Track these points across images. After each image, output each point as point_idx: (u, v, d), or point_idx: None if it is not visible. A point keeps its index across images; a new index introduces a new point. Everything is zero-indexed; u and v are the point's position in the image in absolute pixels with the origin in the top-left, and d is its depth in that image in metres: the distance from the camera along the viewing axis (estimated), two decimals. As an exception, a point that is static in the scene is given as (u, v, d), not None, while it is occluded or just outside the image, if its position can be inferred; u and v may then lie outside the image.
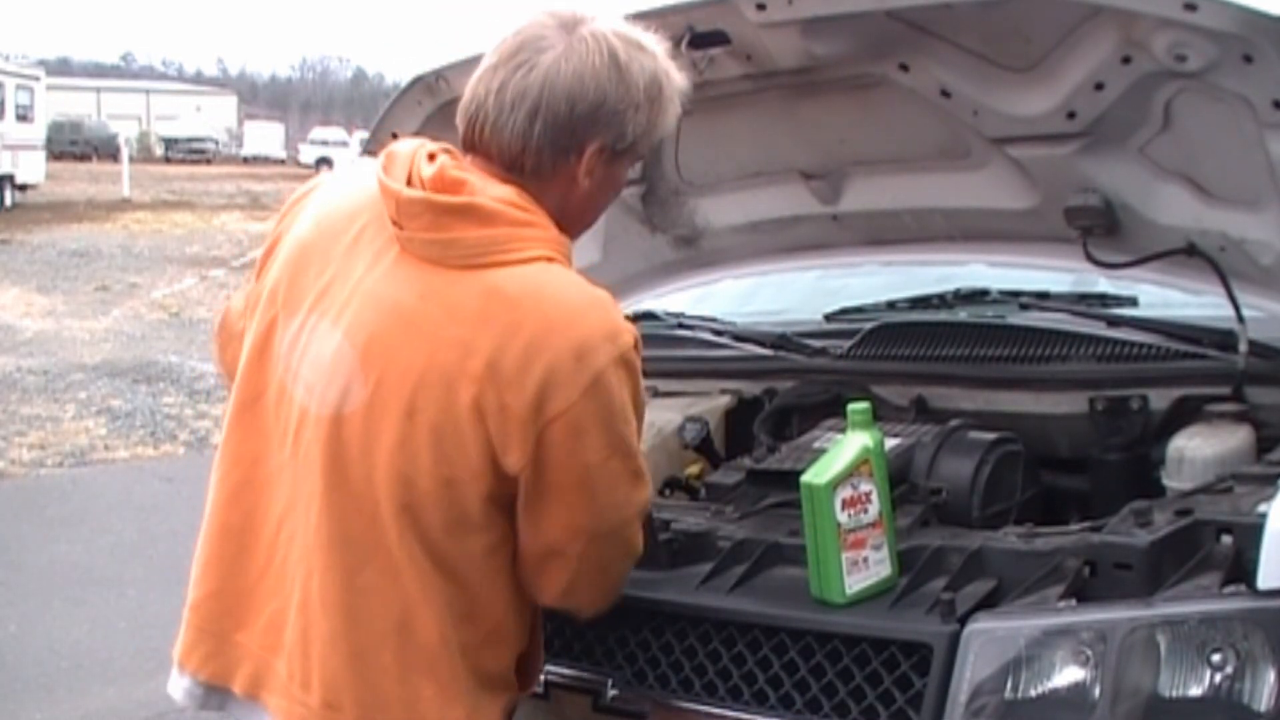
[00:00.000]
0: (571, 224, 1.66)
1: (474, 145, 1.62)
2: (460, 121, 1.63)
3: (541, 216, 1.59)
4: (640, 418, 1.63)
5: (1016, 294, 2.69)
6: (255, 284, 1.77)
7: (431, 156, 1.60)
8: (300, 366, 1.61)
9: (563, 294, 1.54)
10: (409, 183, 1.57)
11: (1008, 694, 1.59)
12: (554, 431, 1.51)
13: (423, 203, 1.54)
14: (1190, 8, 1.82)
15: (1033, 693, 1.59)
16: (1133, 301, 2.57)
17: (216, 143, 53.03)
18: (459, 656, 1.60)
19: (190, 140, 51.32)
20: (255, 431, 1.68)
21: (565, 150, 1.59)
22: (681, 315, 2.99)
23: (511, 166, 1.60)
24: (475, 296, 1.52)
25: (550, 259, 1.57)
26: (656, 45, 1.64)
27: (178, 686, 1.76)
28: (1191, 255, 2.27)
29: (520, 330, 1.50)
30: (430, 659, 1.58)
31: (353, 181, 1.72)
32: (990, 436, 2.16)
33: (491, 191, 1.56)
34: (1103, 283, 2.62)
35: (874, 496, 1.81)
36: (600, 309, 1.56)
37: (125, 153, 31.84)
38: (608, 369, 1.52)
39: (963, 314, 2.72)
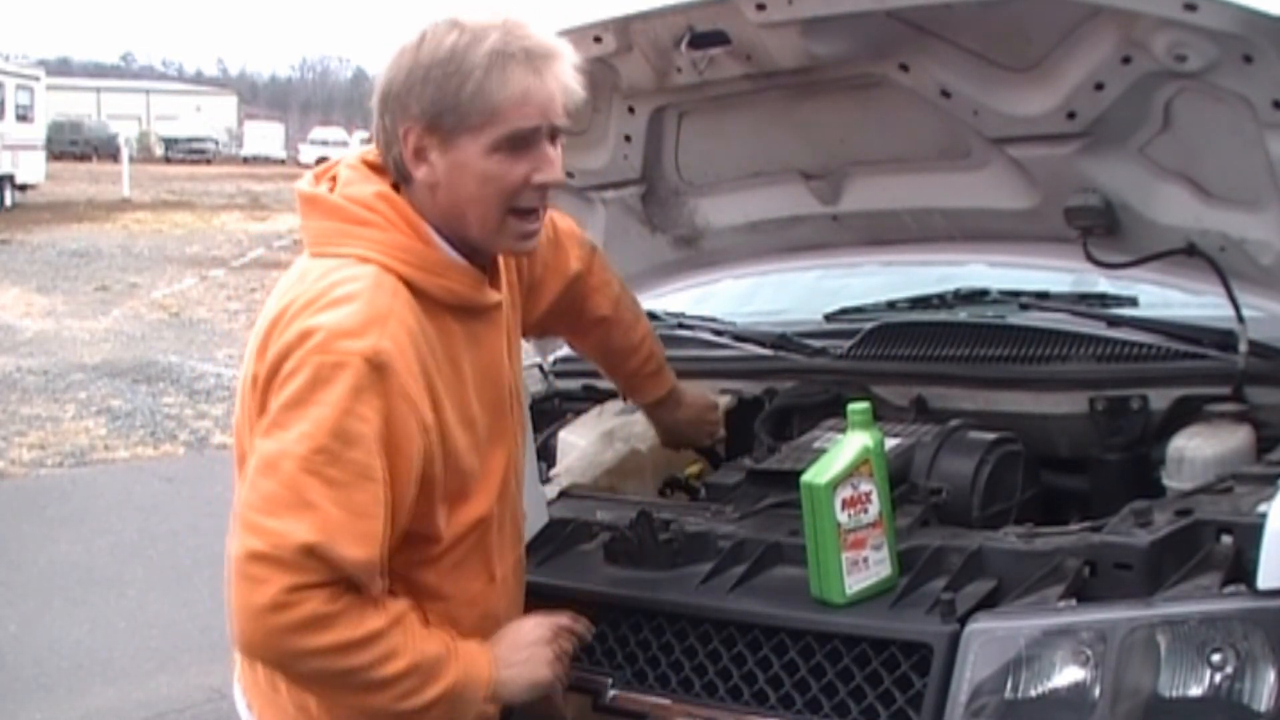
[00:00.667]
0: (456, 220, 1.64)
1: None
2: None
3: (393, 218, 1.63)
4: (322, 440, 1.50)
5: (1016, 294, 2.69)
6: None
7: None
8: None
9: (338, 284, 1.57)
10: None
11: (1008, 694, 1.59)
12: (267, 396, 1.56)
13: (300, 196, 1.69)
14: (1190, 8, 1.82)
15: (1033, 693, 1.59)
16: (1133, 301, 2.56)
17: (216, 143, 53.03)
18: None
19: (190, 140, 51.32)
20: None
21: (391, 141, 1.64)
22: (681, 315, 2.99)
23: (388, 171, 1.68)
24: (294, 275, 1.65)
25: (366, 259, 1.60)
26: (481, 21, 1.59)
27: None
28: (1191, 255, 2.27)
29: (291, 305, 1.58)
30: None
31: None
32: (990, 436, 2.16)
33: (350, 189, 1.66)
34: (1103, 283, 2.62)
35: (874, 496, 1.81)
36: (352, 308, 1.54)
37: (125, 153, 31.85)
38: (322, 357, 1.51)
39: (963, 314, 2.72)
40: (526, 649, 1.74)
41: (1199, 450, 2.06)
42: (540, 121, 1.61)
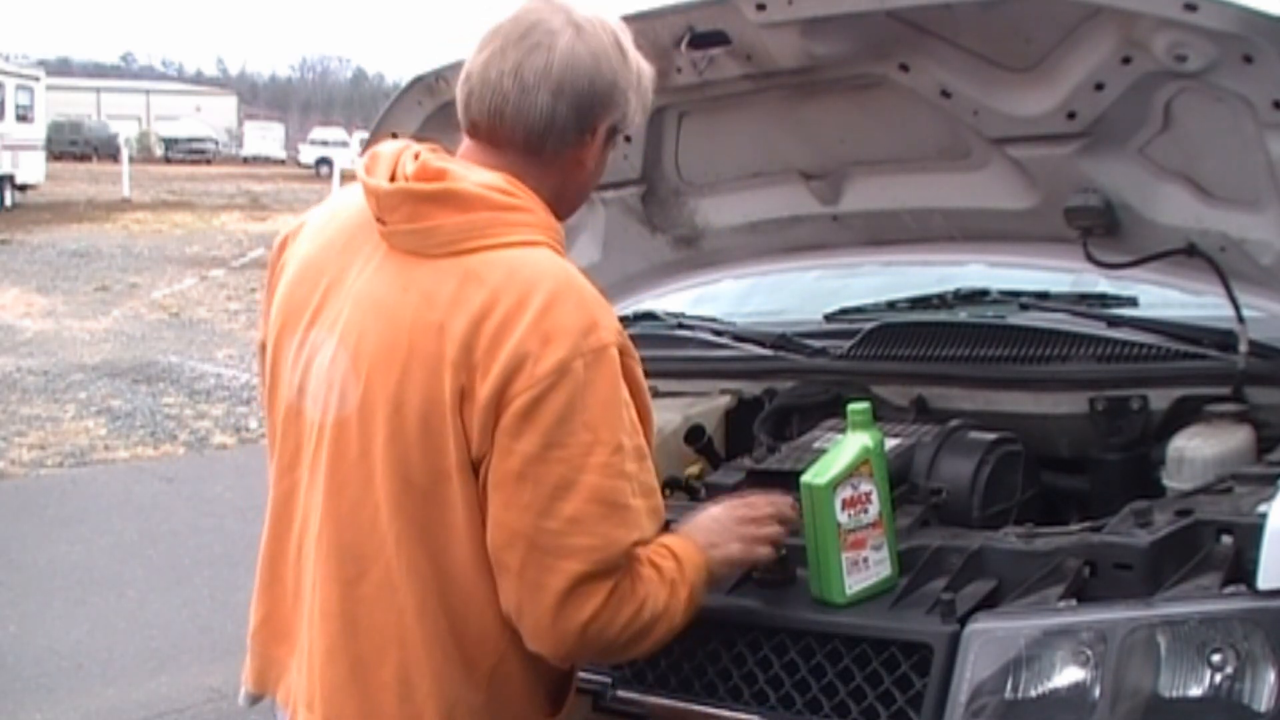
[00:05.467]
0: (567, 206, 1.66)
1: (491, 129, 1.59)
2: (469, 105, 1.60)
3: (531, 200, 1.56)
4: (620, 430, 1.49)
5: (1016, 294, 2.70)
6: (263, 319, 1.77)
7: (416, 155, 1.59)
8: (306, 381, 1.60)
9: (538, 278, 1.48)
10: (392, 179, 1.55)
11: (1008, 694, 1.59)
12: (509, 414, 1.44)
13: (402, 193, 1.53)
14: (1190, 8, 1.82)
15: (1033, 693, 1.59)
16: (1133, 301, 2.57)
17: (216, 143, 53.00)
18: (469, 671, 1.53)
19: (190, 140, 51.28)
20: (280, 455, 1.67)
21: (583, 129, 1.59)
22: (681, 315, 3.00)
23: (518, 144, 1.58)
24: (452, 281, 1.48)
25: (535, 243, 1.53)
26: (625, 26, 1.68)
27: (248, 701, 1.76)
28: (1191, 255, 2.27)
29: (492, 312, 1.46)
30: (435, 674, 1.52)
31: (341, 198, 1.71)
32: (990, 436, 2.16)
33: (475, 177, 1.54)
34: (1103, 283, 2.62)
35: (874, 497, 1.81)
36: (577, 298, 1.49)
37: (125, 153, 31.83)
38: (575, 361, 1.45)
39: (963, 314, 2.72)
40: (730, 530, 1.74)
41: (1199, 450, 2.05)
42: None
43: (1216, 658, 1.53)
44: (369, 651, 1.53)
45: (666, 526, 1.96)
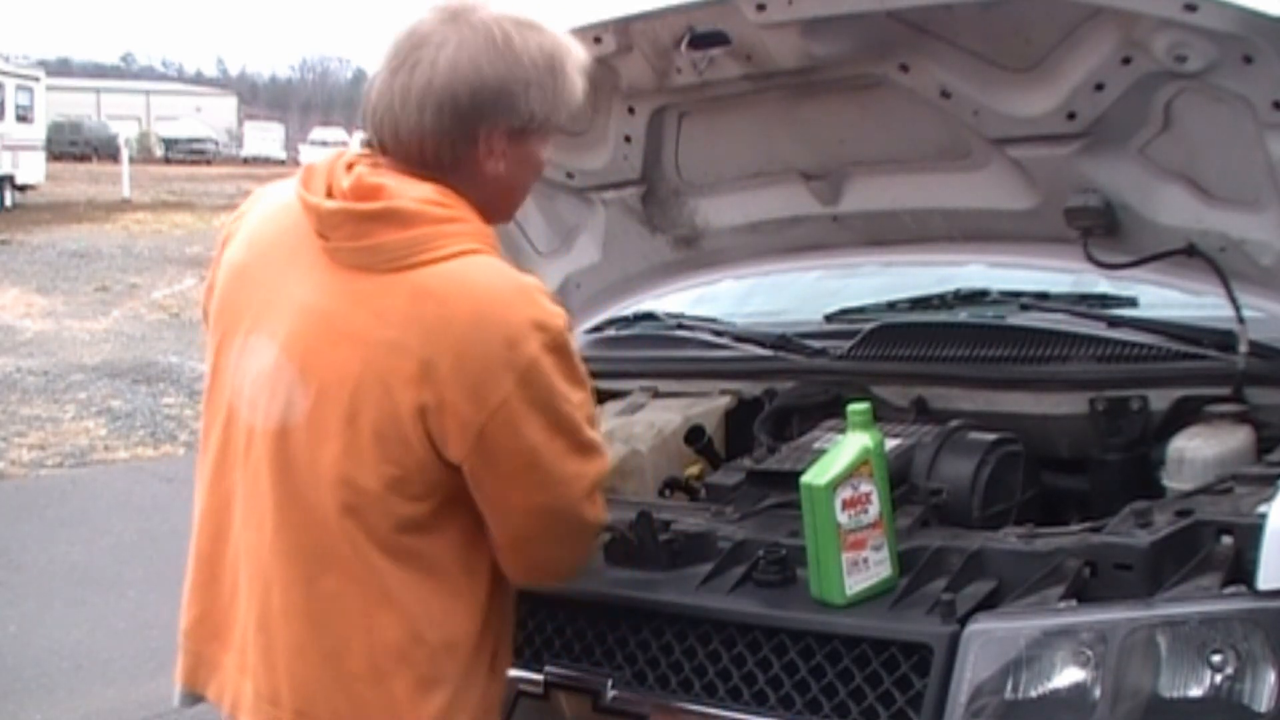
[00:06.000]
0: (497, 210, 1.69)
1: (394, 148, 1.63)
2: (368, 127, 1.65)
3: (463, 210, 1.61)
4: (586, 390, 1.65)
5: (1016, 294, 2.69)
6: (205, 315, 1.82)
7: (350, 166, 1.63)
8: (244, 385, 1.64)
9: (489, 286, 1.55)
10: (329, 194, 1.59)
11: (1008, 694, 1.59)
12: (495, 423, 1.53)
13: (343, 213, 1.56)
14: (1190, 8, 1.82)
15: (1033, 693, 1.59)
16: (1133, 302, 2.56)
17: (216, 143, 53.01)
18: (438, 651, 1.61)
19: (190, 141, 51.30)
20: (215, 456, 1.71)
21: (471, 139, 1.61)
22: (681, 315, 2.99)
23: (425, 163, 1.61)
24: (404, 298, 1.53)
25: (475, 251, 1.58)
26: (550, 23, 1.66)
27: (185, 702, 1.79)
28: (1191, 256, 2.27)
29: (450, 326, 1.52)
30: (401, 657, 1.60)
31: (280, 200, 1.73)
32: (990, 437, 2.16)
33: (411, 192, 1.58)
34: (1103, 283, 2.61)
35: (874, 497, 1.80)
36: (524, 297, 1.57)
37: (125, 153, 31.80)
38: (539, 355, 1.54)
39: (963, 314, 2.71)
40: None
41: (1199, 451, 2.05)
42: None
43: (1216, 658, 1.53)
44: (337, 644, 1.60)
45: (667, 525, 1.98)
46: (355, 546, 1.57)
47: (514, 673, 1.97)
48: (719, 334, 2.85)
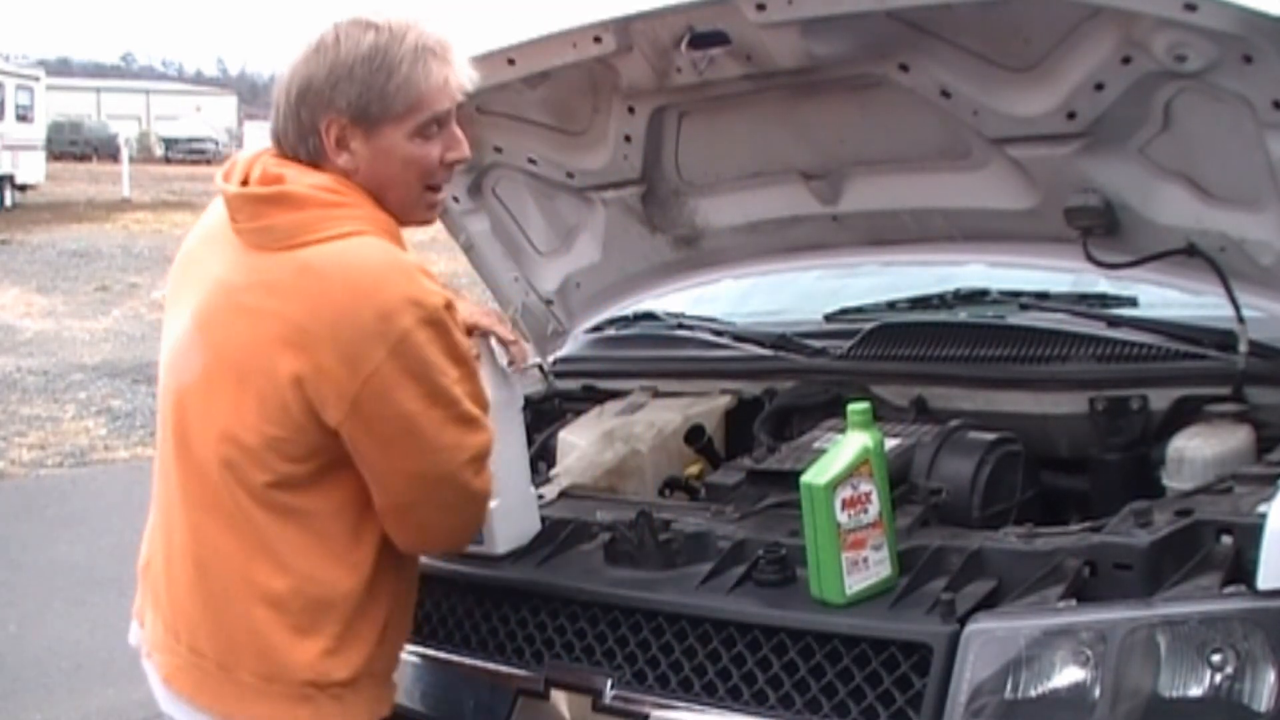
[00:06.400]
0: (385, 199, 1.79)
1: (278, 146, 1.81)
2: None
3: (356, 197, 1.75)
4: (467, 368, 1.76)
5: (1016, 294, 2.69)
6: None
7: (259, 160, 1.80)
8: (168, 354, 1.84)
9: (366, 263, 1.67)
10: (245, 184, 1.77)
11: (1008, 694, 1.59)
12: (368, 390, 1.65)
13: (244, 197, 1.75)
14: (1190, 8, 1.82)
15: (1033, 693, 1.59)
16: (1133, 301, 2.56)
17: (216, 143, 52.91)
18: (312, 605, 1.72)
19: (190, 140, 51.23)
20: (160, 416, 1.88)
21: (307, 133, 1.75)
22: (681, 315, 3.00)
23: (294, 157, 1.77)
24: (290, 273, 1.68)
25: (361, 233, 1.70)
26: (392, 20, 1.75)
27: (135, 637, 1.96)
28: (1191, 255, 2.26)
29: (328, 299, 1.65)
30: (275, 604, 1.71)
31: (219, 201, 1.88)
32: (990, 436, 2.16)
33: (307, 180, 1.74)
34: (1103, 283, 2.61)
35: (874, 497, 1.81)
36: (402, 275, 1.67)
37: (125, 153, 31.77)
38: (413, 329, 1.65)
39: (963, 314, 2.72)
40: None
41: (1199, 450, 2.05)
42: (451, 104, 1.79)
43: (1216, 658, 1.53)
44: (218, 588, 1.74)
45: (667, 525, 1.98)
46: (235, 498, 1.70)
47: (514, 672, 1.98)
48: (719, 334, 2.85)
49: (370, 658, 1.77)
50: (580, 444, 2.52)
